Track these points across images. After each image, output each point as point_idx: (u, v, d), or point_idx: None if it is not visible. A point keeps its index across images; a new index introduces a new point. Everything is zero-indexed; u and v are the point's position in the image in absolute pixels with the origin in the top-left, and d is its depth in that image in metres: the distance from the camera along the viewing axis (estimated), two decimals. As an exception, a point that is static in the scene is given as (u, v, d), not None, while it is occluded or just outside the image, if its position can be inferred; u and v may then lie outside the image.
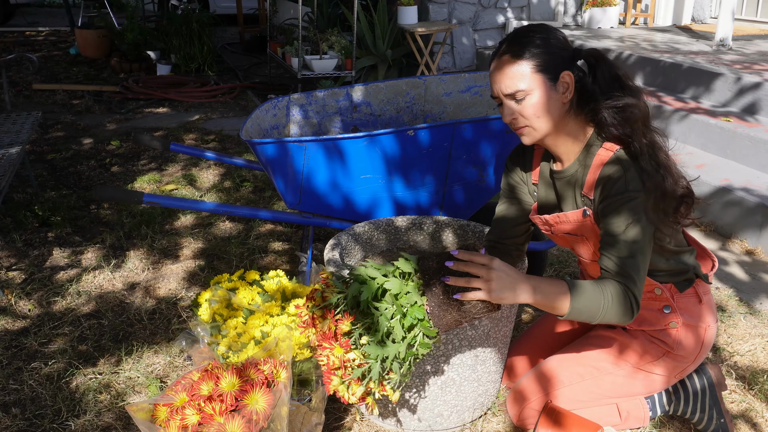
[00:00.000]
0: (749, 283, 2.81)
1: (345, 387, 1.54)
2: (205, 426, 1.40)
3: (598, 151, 1.61)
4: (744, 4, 6.72)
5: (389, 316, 1.49)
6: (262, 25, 8.51)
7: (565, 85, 1.57)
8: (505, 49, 1.57)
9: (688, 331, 1.75)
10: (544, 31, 1.57)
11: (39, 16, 11.06)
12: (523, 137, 1.63)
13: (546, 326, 2.09)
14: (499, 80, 1.57)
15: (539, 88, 1.55)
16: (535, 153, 1.81)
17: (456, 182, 2.43)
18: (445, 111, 2.99)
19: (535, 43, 1.54)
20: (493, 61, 1.60)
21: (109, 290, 2.68)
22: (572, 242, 1.77)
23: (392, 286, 1.50)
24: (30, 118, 3.72)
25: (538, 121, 1.58)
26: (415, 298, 1.50)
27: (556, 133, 1.62)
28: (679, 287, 1.74)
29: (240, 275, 2.10)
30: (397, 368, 1.50)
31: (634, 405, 1.88)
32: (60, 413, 1.98)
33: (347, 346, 1.51)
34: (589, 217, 1.65)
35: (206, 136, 4.75)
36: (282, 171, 2.31)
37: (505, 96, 1.57)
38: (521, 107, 1.57)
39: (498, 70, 1.58)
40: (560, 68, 1.56)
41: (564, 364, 1.86)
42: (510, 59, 1.55)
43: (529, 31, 1.57)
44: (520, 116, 1.58)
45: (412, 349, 1.50)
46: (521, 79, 1.54)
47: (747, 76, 4.17)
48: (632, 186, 1.54)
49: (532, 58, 1.54)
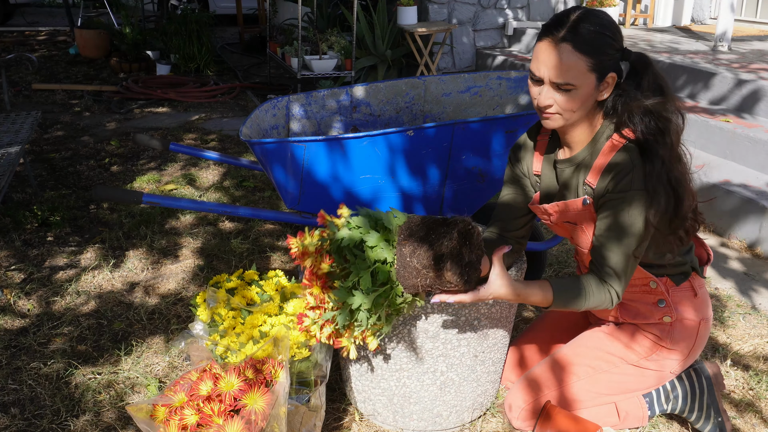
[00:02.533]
0: (749, 283, 2.81)
1: (318, 327, 1.60)
2: (204, 427, 1.40)
3: (610, 137, 1.61)
4: (743, 4, 6.73)
5: (361, 267, 1.52)
6: (261, 25, 8.50)
7: (606, 85, 1.56)
8: (569, 36, 1.50)
9: (683, 326, 1.76)
10: (610, 31, 1.53)
11: (38, 16, 11.05)
12: (546, 121, 1.61)
13: (545, 327, 2.09)
14: (551, 66, 1.52)
15: (586, 86, 1.53)
16: (538, 143, 1.81)
17: (456, 182, 2.43)
18: (445, 111, 2.99)
19: (600, 43, 1.51)
20: (549, 40, 1.53)
21: (109, 290, 2.68)
22: (571, 231, 1.77)
23: (370, 240, 1.52)
24: (29, 117, 3.72)
25: (571, 114, 1.57)
26: (386, 255, 1.51)
27: (578, 123, 1.63)
28: (675, 280, 1.75)
29: (239, 275, 2.10)
30: (365, 318, 1.52)
31: (633, 404, 1.88)
32: (59, 413, 1.98)
33: (325, 286, 1.55)
34: (589, 206, 1.65)
35: (206, 136, 4.75)
36: (281, 171, 2.31)
37: (551, 82, 1.55)
38: (562, 97, 1.55)
39: (553, 55, 1.52)
40: (609, 70, 1.55)
41: (560, 365, 1.86)
42: (571, 51, 1.50)
43: (597, 25, 1.52)
44: (556, 103, 1.57)
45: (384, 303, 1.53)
46: (575, 74, 1.51)
47: (746, 77, 4.17)
48: (636, 185, 1.54)
49: (592, 57, 1.51)
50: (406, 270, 1.47)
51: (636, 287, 1.76)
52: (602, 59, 1.52)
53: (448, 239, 1.44)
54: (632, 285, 1.76)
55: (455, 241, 1.44)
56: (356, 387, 1.92)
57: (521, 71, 2.95)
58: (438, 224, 1.48)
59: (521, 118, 2.36)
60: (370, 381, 1.86)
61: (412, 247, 1.46)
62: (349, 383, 1.96)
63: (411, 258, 1.46)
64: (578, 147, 1.68)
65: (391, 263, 1.52)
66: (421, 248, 1.45)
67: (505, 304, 1.80)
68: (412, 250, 1.46)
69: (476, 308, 1.73)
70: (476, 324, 1.75)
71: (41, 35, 9.25)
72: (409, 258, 1.46)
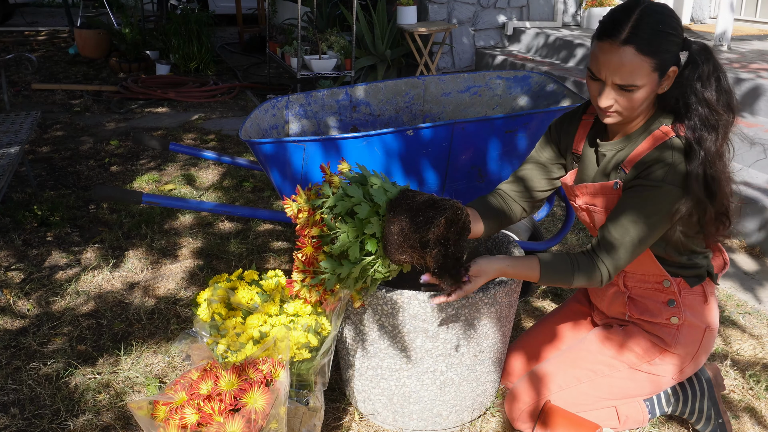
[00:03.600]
0: (749, 283, 2.81)
1: (307, 291, 1.64)
2: (204, 426, 1.40)
3: (656, 129, 1.60)
4: (743, 4, 6.73)
5: (350, 236, 1.53)
6: (261, 25, 8.50)
7: (667, 78, 1.54)
8: (632, 38, 1.46)
9: (688, 330, 1.75)
10: (671, 26, 1.50)
11: (38, 15, 11.04)
12: (607, 119, 1.59)
13: (545, 327, 2.09)
14: (614, 69, 1.50)
15: (649, 85, 1.52)
16: (583, 122, 1.79)
17: (455, 182, 2.43)
18: (445, 111, 2.99)
19: (662, 41, 1.48)
20: (610, 42, 1.49)
21: (108, 290, 2.68)
22: (593, 214, 1.74)
23: (361, 212, 1.52)
24: (29, 117, 3.72)
25: (632, 111, 1.56)
26: (375, 229, 1.52)
27: (635, 117, 1.61)
28: (689, 282, 1.73)
29: (239, 275, 2.10)
30: (352, 284, 1.57)
31: (633, 408, 1.87)
32: (59, 413, 1.98)
33: (317, 248, 1.57)
34: (618, 190, 1.63)
35: (205, 136, 4.75)
36: (281, 171, 2.31)
37: (613, 84, 1.52)
38: (624, 97, 1.53)
39: (616, 58, 1.48)
40: (671, 64, 1.52)
41: (560, 367, 1.86)
42: (635, 53, 1.47)
43: (659, 23, 1.48)
44: (617, 103, 1.55)
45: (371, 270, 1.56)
46: (639, 76, 1.49)
47: (746, 76, 4.17)
48: (670, 179, 1.53)
49: (656, 57, 1.48)
50: (392, 245, 1.49)
51: (649, 284, 1.75)
52: (665, 58, 1.50)
53: (435, 225, 1.45)
54: (645, 281, 1.75)
55: (441, 227, 1.46)
56: (356, 387, 1.92)
57: (521, 71, 2.95)
58: (428, 206, 1.48)
59: (521, 117, 2.36)
60: (370, 381, 1.86)
61: (400, 226, 1.47)
62: (349, 383, 1.96)
63: (398, 236, 1.47)
64: (625, 134, 1.67)
65: (380, 237, 1.53)
66: (408, 229, 1.46)
67: (505, 303, 1.80)
68: (399, 230, 1.47)
69: (476, 308, 1.73)
70: (476, 324, 1.75)
71: (41, 35, 9.24)
72: (396, 236, 1.48)
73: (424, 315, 1.70)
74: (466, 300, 1.70)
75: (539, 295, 2.67)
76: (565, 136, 1.81)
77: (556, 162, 1.84)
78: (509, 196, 1.87)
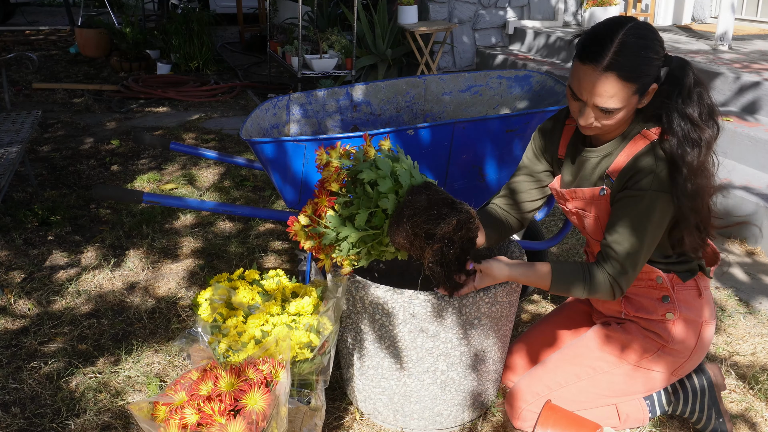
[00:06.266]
0: (749, 283, 2.81)
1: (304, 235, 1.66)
2: (204, 426, 1.40)
3: (637, 135, 1.62)
4: (744, 3, 6.72)
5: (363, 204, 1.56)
6: (262, 25, 8.50)
7: (648, 96, 1.56)
8: (614, 65, 1.46)
9: (685, 325, 1.76)
10: (653, 49, 1.50)
11: (39, 15, 11.04)
12: (585, 130, 1.61)
13: (546, 326, 2.09)
14: (595, 94, 1.50)
15: (630, 105, 1.53)
16: (566, 128, 1.81)
17: (456, 182, 2.42)
18: (445, 110, 2.98)
19: (644, 65, 1.48)
20: (592, 67, 1.48)
21: (109, 289, 2.68)
22: (584, 220, 1.77)
23: (382, 186, 1.55)
24: (30, 117, 3.72)
25: (611, 127, 1.59)
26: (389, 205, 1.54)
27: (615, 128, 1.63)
28: (682, 277, 1.75)
29: (240, 274, 2.10)
30: (346, 248, 1.59)
31: (633, 407, 1.88)
32: (59, 412, 1.98)
33: (331, 202, 1.61)
34: (605, 197, 1.66)
35: (206, 136, 4.75)
36: (282, 170, 2.31)
37: (594, 106, 1.53)
38: (604, 117, 1.55)
39: (597, 83, 1.49)
40: (651, 83, 1.54)
41: (560, 365, 1.86)
42: (617, 79, 1.47)
43: (642, 48, 1.48)
44: (597, 121, 1.56)
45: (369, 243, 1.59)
46: (620, 100, 1.50)
47: (747, 76, 4.16)
48: (655, 187, 1.55)
49: (636, 82, 1.49)
50: (398, 227, 1.51)
51: (642, 281, 1.76)
52: (646, 81, 1.51)
53: (446, 223, 1.47)
54: (638, 279, 1.76)
55: (451, 227, 1.47)
56: (357, 386, 1.92)
57: (522, 70, 2.95)
58: (445, 203, 1.51)
59: (521, 117, 2.36)
60: (371, 380, 1.86)
61: (412, 211, 1.49)
62: (350, 382, 1.96)
63: (407, 221, 1.49)
64: (606, 141, 1.68)
65: (390, 215, 1.55)
66: (419, 217, 1.48)
67: (506, 303, 1.80)
68: (410, 215, 1.49)
69: (477, 307, 1.73)
70: (477, 323, 1.75)
71: (41, 34, 9.25)
72: (405, 220, 1.49)
73: (424, 314, 1.70)
74: (466, 299, 1.70)
75: (539, 294, 2.67)
76: (550, 143, 1.84)
77: (544, 170, 1.87)
78: (503, 209, 1.89)
